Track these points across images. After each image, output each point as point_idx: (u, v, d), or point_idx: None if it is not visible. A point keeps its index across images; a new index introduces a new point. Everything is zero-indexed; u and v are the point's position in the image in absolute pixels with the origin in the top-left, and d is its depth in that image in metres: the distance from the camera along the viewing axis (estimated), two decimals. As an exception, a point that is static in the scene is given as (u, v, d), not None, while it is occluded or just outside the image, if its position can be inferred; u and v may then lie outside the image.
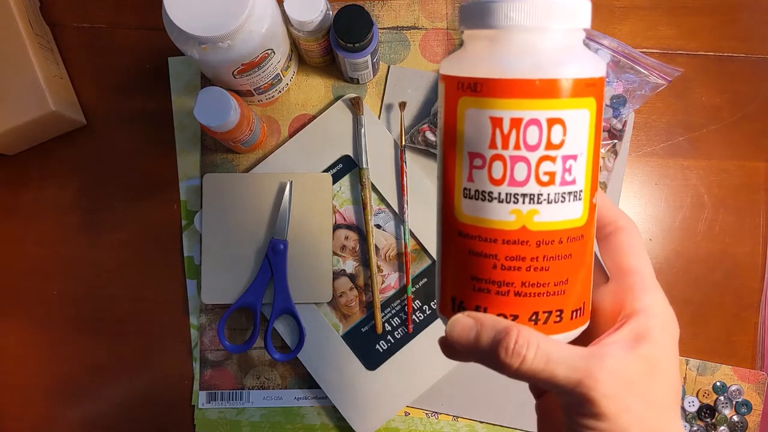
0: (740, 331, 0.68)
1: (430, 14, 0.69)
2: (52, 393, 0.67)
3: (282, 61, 0.62)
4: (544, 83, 0.28)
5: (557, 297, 0.30)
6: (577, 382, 0.28)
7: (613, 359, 0.28)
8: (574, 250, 0.30)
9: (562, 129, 0.29)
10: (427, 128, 0.65)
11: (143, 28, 0.69)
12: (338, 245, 0.68)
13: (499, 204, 0.30)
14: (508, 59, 0.29)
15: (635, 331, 0.30)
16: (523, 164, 0.29)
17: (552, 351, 0.28)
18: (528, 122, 0.29)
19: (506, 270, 0.30)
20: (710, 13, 0.70)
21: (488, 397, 0.66)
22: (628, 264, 0.33)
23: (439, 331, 0.66)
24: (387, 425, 0.66)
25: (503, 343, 0.28)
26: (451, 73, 0.31)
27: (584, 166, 0.30)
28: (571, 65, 0.29)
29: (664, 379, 0.30)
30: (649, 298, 0.31)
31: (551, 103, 0.29)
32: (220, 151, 0.68)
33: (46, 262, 0.68)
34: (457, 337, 0.30)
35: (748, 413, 0.67)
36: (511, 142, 0.29)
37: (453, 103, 0.31)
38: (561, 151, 0.29)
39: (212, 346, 0.67)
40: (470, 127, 0.30)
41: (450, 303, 0.32)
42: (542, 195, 0.29)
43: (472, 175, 0.30)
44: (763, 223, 0.69)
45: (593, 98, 0.30)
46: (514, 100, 0.29)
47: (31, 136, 0.66)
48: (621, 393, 0.28)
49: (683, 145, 0.69)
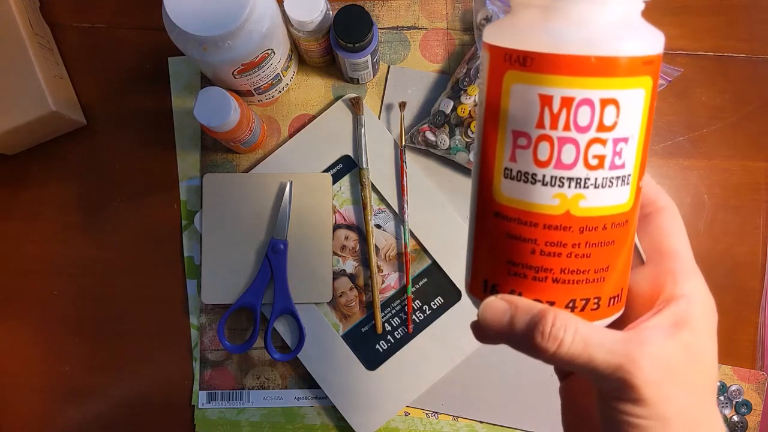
0: (740, 331, 0.68)
1: (430, 14, 0.69)
2: (52, 393, 0.67)
3: (282, 61, 0.62)
4: (601, 61, 0.26)
5: (596, 284, 0.29)
6: (617, 367, 0.27)
7: (654, 345, 0.27)
8: (618, 236, 0.29)
9: (616, 110, 0.27)
10: (427, 128, 0.65)
11: (143, 28, 0.69)
12: (338, 245, 0.68)
13: (543, 187, 0.28)
14: (563, 32, 0.27)
15: (675, 317, 0.29)
16: (572, 146, 0.27)
17: (591, 335, 0.27)
18: (580, 102, 0.27)
19: (546, 256, 0.28)
20: (711, 14, 0.70)
21: (488, 397, 0.66)
22: (668, 246, 0.31)
23: (439, 331, 0.66)
24: (387, 425, 0.66)
25: (539, 327, 0.27)
26: (498, 43, 0.28)
27: (635, 149, 0.28)
28: (630, 41, 0.27)
29: (704, 367, 0.29)
30: (691, 283, 0.30)
31: (606, 82, 0.27)
32: (220, 151, 0.68)
33: (46, 262, 0.68)
34: (490, 320, 0.29)
35: (748, 413, 0.67)
36: (561, 122, 0.27)
37: (498, 77, 0.28)
38: (612, 133, 0.27)
39: (212, 346, 0.67)
40: (516, 103, 0.28)
41: (482, 285, 0.31)
42: (589, 179, 0.28)
43: (515, 154, 0.28)
44: (763, 223, 0.69)
45: (650, 77, 0.28)
46: (567, 78, 0.26)
47: (31, 136, 0.66)
48: (662, 380, 0.27)
49: (684, 145, 0.69)
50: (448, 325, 0.66)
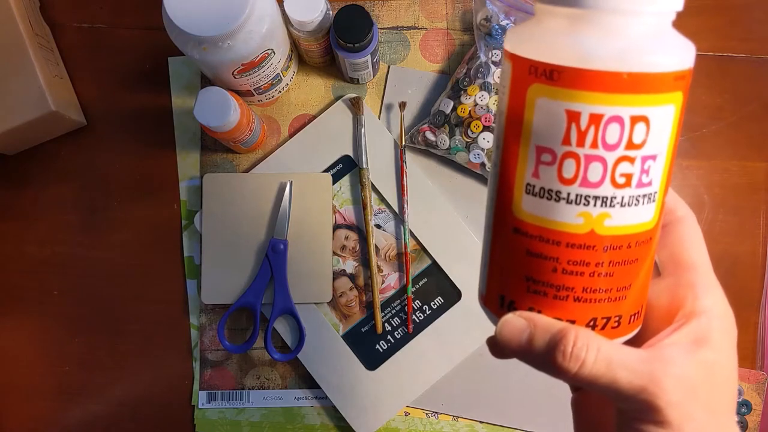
0: (740, 331, 0.67)
1: (430, 14, 0.69)
2: (52, 393, 0.67)
3: (282, 61, 0.62)
4: (633, 77, 0.25)
5: (618, 302, 0.28)
6: (641, 389, 0.26)
7: (676, 365, 0.27)
8: (641, 254, 0.28)
9: (646, 128, 0.26)
10: (427, 128, 0.65)
11: (143, 28, 0.69)
12: (338, 245, 0.68)
13: (567, 205, 0.27)
14: (593, 46, 0.25)
15: (695, 333, 0.28)
16: (599, 164, 0.26)
17: (613, 355, 0.27)
18: (609, 119, 0.25)
19: (568, 274, 0.28)
20: (711, 14, 0.70)
21: (488, 397, 0.66)
22: (687, 258, 0.30)
23: (439, 331, 0.66)
24: (387, 425, 0.66)
25: (560, 347, 0.27)
26: (523, 53, 0.27)
27: (662, 166, 0.27)
28: (662, 56, 0.26)
29: (724, 385, 0.28)
30: (711, 297, 0.29)
31: (637, 99, 0.25)
32: (220, 151, 0.68)
33: (46, 262, 0.68)
34: (508, 338, 0.28)
35: (748, 413, 0.67)
36: (588, 139, 0.26)
37: (522, 89, 0.27)
38: (641, 151, 0.26)
39: (212, 346, 0.67)
40: (541, 118, 0.27)
41: (497, 299, 0.30)
42: (616, 198, 0.27)
43: (539, 171, 0.27)
44: (763, 223, 0.69)
45: (680, 92, 0.26)
46: (597, 94, 0.25)
47: (31, 136, 0.66)
48: (685, 401, 0.26)
49: (683, 145, 0.69)
50: (448, 325, 0.66)
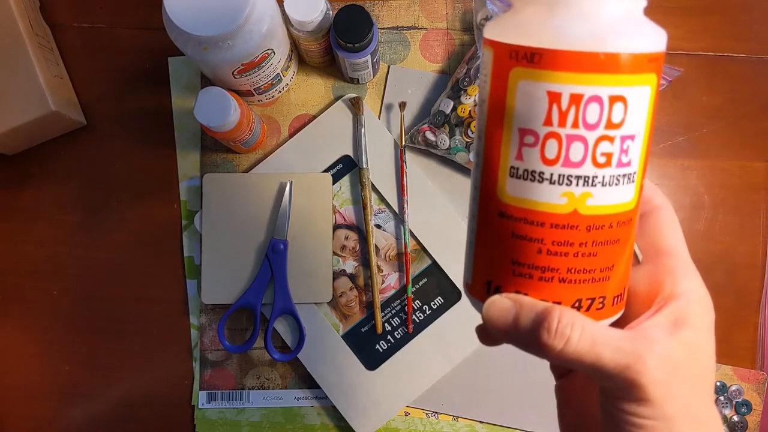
0: (740, 331, 0.68)
1: (430, 14, 0.69)
2: (52, 393, 0.67)
3: (282, 61, 0.62)
4: (610, 57, 0.26)
5: (602, 283, 0.29)
6: (625, 366, 0.27)
7: (659, 344, 0.27)
8: (622, 234, 0.29)
9: (624, 107, 0.27)
10: (427, 128, 0.65)
11: (143, 28, 0.69)
12: (338, 245, 0.68)
13: (551, 185, 0.28)
14: (571, 28, 0.27)
15: (675, 315, 0.29)
16: (580, 144, 0.27)
17: (597, 333, 0.27)
18: (589, 99, 0.27)
19: (552, 255, 0.28)
20: (710, 14, 0.70)
21: (488, 397, 0.67)
22: (665, 245, 0.32)
23: (439, 331, 0.66)
24: (387, 425, 0.66)
25: (545, 324, 0.27)
26: (503, 39, 0.28)
27: (640, 146, 0.28)
28: (637, 38, 0.27)
29: (703, 365, 0.29)
30: (689, 281, 0.30)
31: (615, 79, 0.27)
32: (220, 151, 0.68)
33: (46, 262, 0.68)
34: (495, 319, 0.29)
35: (748, 413, 0.67)
36: (569, 119, 0.27)
37: (503, 74, 0.28)
38: (620, 130, 0.27)
39: (212, 346, 0.67)
40: (523, 101, 0.27)
41: (484, 286, 0.30)
42: (597, 177, 0.28)
43: (522, 153, 0.28)
44: (763, 223, 0.69)
45: (655, 74, 0.28)
46: (576, 75, 0.26)
47: (31, 136, 0.66)
48: (667, 379, 0.27)
49: (683, 145, 0.69)
50: (448, 325, 0.66)
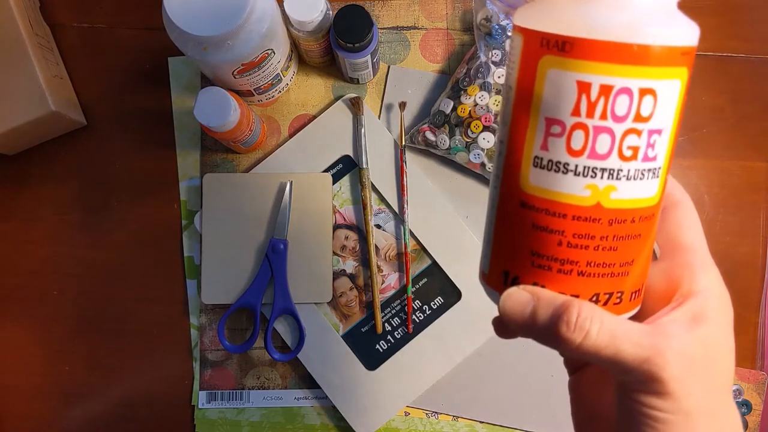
0: (740, 331, 0.68)
1: (430, 14, 0.69)
2: (52, 393, 0.67)
3: (282, 61, 0.62)
4: (642, 49, 0.26)
5: (620, 278, 0.29)
6: (645, 360, 0.27)
7: (677, 340, 0.27)
8: (644, 230, 0.29)
9: (653, 100, 0.27)
10: (427, 128, 0.65)
11: (143, 28, 0.69)
12: (338, 245, 0.68)
13: (575, 177, 0.27)
14: (604, 18, 0.26)
15: (693, 311, 0.29)
16: (607, 136, 0.27)
17: (616, 326, 0.27)
18: (619, 90, 0.26)
19: (573, 248, 0.28)
20: (711, 14, 0.70)
21: (488, 397, 0.66)
22: (684, 241, 0.31)
23: (439, 331, 0.66)
24: (387, 425, 0.66)
25: (564, 317, 0.27)
26: (534, 26, 0.28)
27: (667, 142, 0.28)
28: (671, 30, 0.27)
29: (722, 362, 0.29)
30: (708, 277, 0.30)
31: (646, 71, 0.26)
32: (220, 151, 0.68)
33: (46, 262, 0.68)
34: (511, 311, 0.28)
35: (748, 413, 0.67)
36: (598, 110, 0.26)
37: (533, 62, 0.27)
38: (648, 124, 0.27)
39: (212, 346, 0.67)
40: (551, 89, 0.27)
41: (502, 276, 0.30)
42: (622, 171, 0.27)
43: (547, 143, 0.28)
44: (763, 223, 0.69)
45: (686, 68, 0.27)
46: (607, 65, 0.26)
47: (31, 136, 0.66)
48: (686, 375, 0.27)
49: (684, 145, 0.69)
50: (448, 325, 0.66)
